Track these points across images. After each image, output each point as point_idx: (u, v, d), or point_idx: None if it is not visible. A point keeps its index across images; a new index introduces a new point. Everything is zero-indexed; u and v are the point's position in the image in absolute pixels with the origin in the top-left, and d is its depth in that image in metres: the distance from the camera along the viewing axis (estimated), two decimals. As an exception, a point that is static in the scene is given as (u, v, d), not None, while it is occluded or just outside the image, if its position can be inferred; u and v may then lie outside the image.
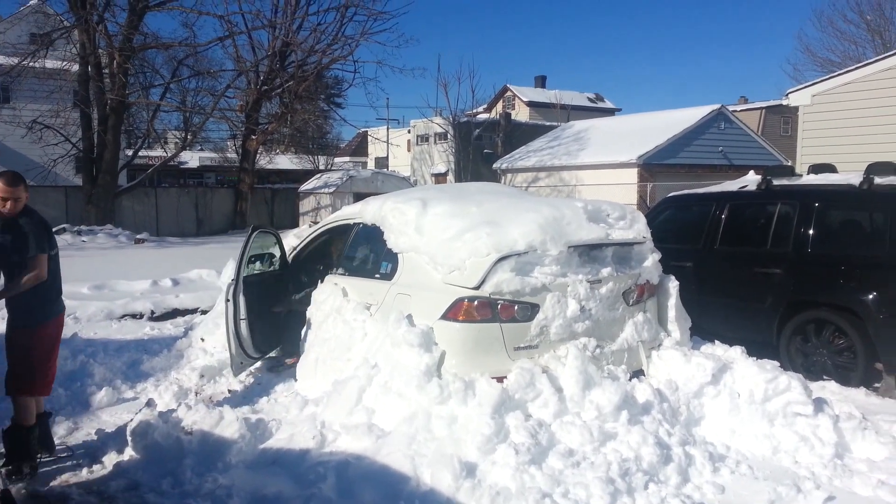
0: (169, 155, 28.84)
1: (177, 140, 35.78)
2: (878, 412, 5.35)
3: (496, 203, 5.21)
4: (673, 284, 5.44)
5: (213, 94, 25.78)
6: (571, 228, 4.76)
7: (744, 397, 4.79)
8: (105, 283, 11.87)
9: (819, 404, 4.85)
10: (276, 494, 3.90)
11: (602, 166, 24.65)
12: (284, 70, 26.02)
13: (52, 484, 4.25)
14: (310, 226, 21.37)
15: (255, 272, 6.10)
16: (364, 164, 51.11)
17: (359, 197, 25.91)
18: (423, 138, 39.08)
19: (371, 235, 5.58)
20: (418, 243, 4.95)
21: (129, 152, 28.56)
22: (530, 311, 4.61)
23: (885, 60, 12.28)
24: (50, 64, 22.60)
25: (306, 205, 27.92)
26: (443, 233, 4.83)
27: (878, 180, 6.24)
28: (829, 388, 5.94)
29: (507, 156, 30.25)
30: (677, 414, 4.66)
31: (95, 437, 4.88)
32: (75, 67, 22.84)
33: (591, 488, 3.68)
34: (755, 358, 5.15)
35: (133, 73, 24.50)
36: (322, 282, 5.79)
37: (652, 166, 23.85)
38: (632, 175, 23.59)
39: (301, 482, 3.97)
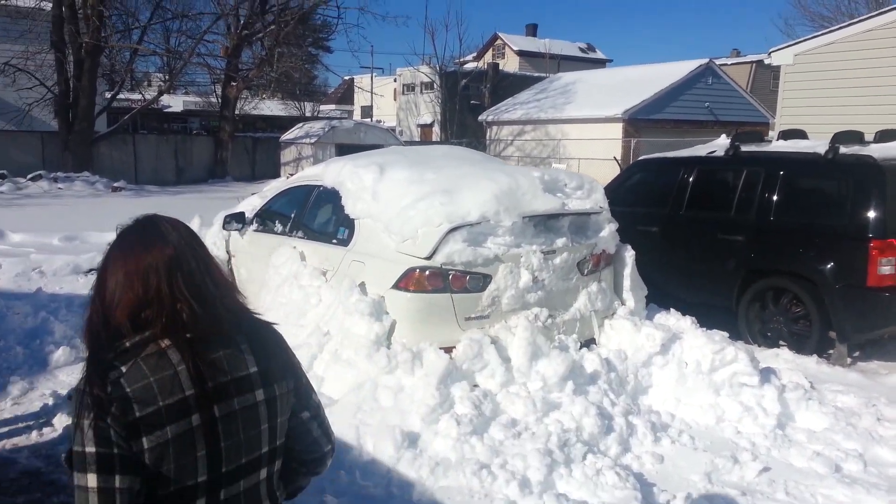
0: (149, 99, 28.18)
1: (161, 83, 34.97)
2: (826, 381, 5.46)
3: (455, 170, 5.15)
4: (629, 254, 5.45)
5: (194, 37, 25.14)
6: (527, 199, 4.73)
7: (691, 367, 4.86)
8: (77, 235, 11.76)
9: (766, 374, 4.94)
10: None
11: (587, 120, 24.47)
12: (265, 14, 25.39)
13: None
14: (287, 178, 21.11)
15: None
16: (350, 113, 50.34)
17: (341, 148, 25.53)
18: (410, 87, 38.49)
19: (330, 199, 5.52)
20: (374, 210, 4.91)
21: (109, 95, 27.94)
22: (482, 281, 4.61)
23: (867, 21, 12.04)
24: (23, 2, 21.87)
25: (287, 155, 27.53)
26: (398, 200, 4.78)
27: (843, 150, 6.22)
28: (782, 356, 6.06)
29: (494, 107, 29.92)
30: (624, 383, 4.72)
31: (50, 400, 4.89)
32: (49, 6, 22.14)
33: (528, 459, 3.73)
34: (705, 328, 5.22)
35: (108, 15, 23.78)
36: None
37: (637, 121, 23.70)
38: (616, 130, 23.46)
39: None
